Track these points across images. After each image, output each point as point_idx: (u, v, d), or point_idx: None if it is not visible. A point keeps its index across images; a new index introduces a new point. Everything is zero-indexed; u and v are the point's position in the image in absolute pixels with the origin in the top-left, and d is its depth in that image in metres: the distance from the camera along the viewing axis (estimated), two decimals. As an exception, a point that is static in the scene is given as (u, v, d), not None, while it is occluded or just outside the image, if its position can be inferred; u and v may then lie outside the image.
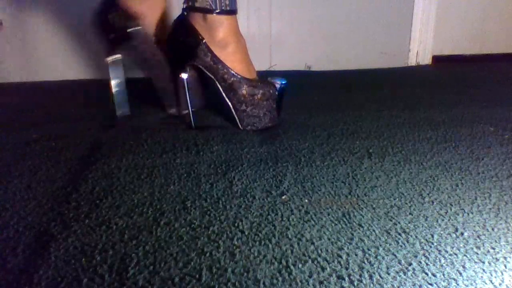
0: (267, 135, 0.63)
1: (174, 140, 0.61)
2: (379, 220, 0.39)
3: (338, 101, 0.82)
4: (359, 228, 0.37)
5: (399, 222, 0.38)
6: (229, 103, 0.65)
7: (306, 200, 0.43)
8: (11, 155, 0.57)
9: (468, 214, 0.40)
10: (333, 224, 0.38)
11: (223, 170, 0.50)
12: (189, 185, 0.46)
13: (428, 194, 0.44)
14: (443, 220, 0.39)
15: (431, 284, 0.30)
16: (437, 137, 0.61)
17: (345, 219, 0.39)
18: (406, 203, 0.42)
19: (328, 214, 0.40)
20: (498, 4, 1.31)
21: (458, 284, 0.30)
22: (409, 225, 0.38)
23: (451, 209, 0.40)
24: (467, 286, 0.30)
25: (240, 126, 0.66)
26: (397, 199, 0.43)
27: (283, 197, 0.43)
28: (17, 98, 0.97)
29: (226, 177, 0.48)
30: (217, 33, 0.62)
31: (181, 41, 0.64)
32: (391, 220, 0.39)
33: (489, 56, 1.35)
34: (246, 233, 0.37)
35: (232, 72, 0.63)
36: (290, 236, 0.36)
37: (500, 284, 0.30)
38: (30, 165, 0.53)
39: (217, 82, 0.64)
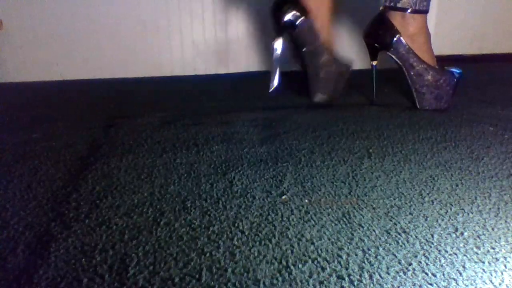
0: (267, 135, 0.63)
1: (174, 140, 0.61)
2: (379, 220, 0.39)
3: (338, 101, 0.82)
4: (359, 228, 0.37)
5: (399, 222, 0.38)
6: (412, 86, 0.75)
7: (306, 200, 0.43)
8: (11, 155, 0.57)
9: (468, 214, 0.40)
10: (333, 224, 0.38)
11: (223, 170, 0.50)
12: (189, 185, 0.46)
13: (428, 194, 0.44)
14: (443, 220, 0.39)
15: (431, 284, 0.30)
16: (437, 137, 0.61)
17: (345, 219, 0.39)
18: (406, 203, 0.42)
19: (328, 214, 0.40)
20: (498, 5, 1.31)
21: (458, 284, 0.30)
22: (409, 225, 0.38)
23: (451, 209, 0.40)
24: (467, 286, 0.30)
25: (417, 105, 0.76)
26: (397, 199, 0.43)
27: (283, 197, 0.43)
28: (17, 98, 0.97)
29: (226, 177, 0.48)
30: (411, 28, 0.74)
31: (379, 34, 0.76)
32: (391, 220, 0.39)
33: (489, 56, 1.35)
34: (246, 233, 0.37)
35: (421, 60, 0.74)
36: (290, 236, 0.36)
37: (500, 284, 0.30)
38: (30, 165, 0.53)
39: (404, 68, 0.75)
